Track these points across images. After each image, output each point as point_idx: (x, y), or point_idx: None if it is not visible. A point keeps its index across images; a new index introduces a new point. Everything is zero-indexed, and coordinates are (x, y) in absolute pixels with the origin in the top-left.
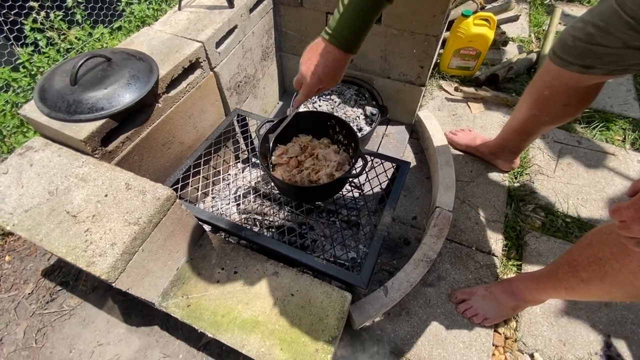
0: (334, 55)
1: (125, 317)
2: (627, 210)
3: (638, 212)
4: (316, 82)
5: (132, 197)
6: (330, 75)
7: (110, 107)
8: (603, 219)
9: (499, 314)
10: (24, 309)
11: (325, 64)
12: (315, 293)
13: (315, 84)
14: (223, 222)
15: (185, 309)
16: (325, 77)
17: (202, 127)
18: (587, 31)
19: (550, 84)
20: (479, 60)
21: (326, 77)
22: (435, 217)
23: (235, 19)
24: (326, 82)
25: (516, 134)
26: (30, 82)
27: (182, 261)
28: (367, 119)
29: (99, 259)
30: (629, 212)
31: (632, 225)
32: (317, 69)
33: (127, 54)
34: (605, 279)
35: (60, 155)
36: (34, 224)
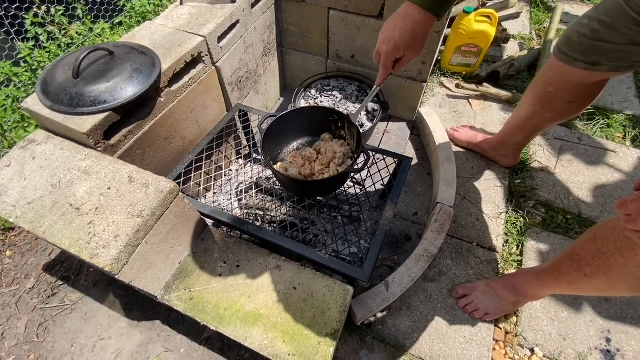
0: (415, 17)
1: (126, 312)
2: (633, 203)
3: None
4: (392, 49)
5: (135, 190)
6: (409, 41)
7: (112, 100)
8: (603, 215)
9: (499, 309)
10: (25, 303)
11: (404, 28)
12: (318, 286)
13: (391, 51)
14: (225, 217)
15: (188, 302)
16: (403, 43)
17: (204, 122)
18: (592, 27)
19: (555, 80)
20: (480, 57)
21: (403, 42)
22: (437, 212)
23: (237, 14)
24: (404, 49)
25: (518, 131)
26: (31, 77)
27: (185, 255)
28: (369, 115)
29: (103, 251)
30: (635, 206)
31: (637, 218)
32: (393, 34)
33: (130, 48)
34: (610, 274)
35: (63, 148)
36: (37, 216)
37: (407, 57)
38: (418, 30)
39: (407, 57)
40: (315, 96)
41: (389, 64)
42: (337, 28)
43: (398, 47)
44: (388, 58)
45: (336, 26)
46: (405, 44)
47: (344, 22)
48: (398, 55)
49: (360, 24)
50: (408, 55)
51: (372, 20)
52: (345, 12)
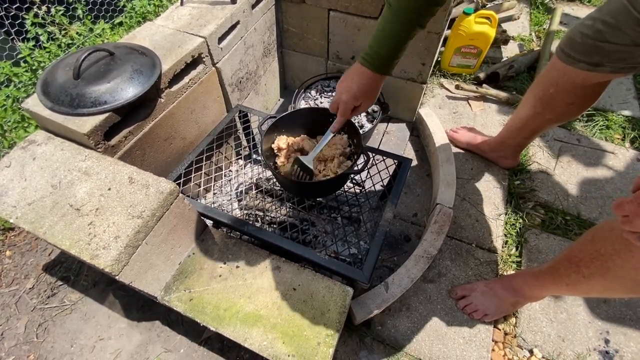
0: (368, 75)
1: (126, 312)
2: (630, 204)
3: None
4: (351, 99)
5: (136, 190)
6: (365, 93)
7: (113, 101)
8: (602, 216)
9: (498, 310)
10: (24, 303)
11: (360, 82)
12: (317, 287)
13: (350, 100)
14: (225, 217)
15: (188, 303)
16: (361, 94)
17: (204, 123)
18: (596, 28)
19: (557, 81)
20: (479, 58)
21: (361, 94)
22: (436, 213)
23: (238, 15)
24: (361, 99)
25: (518, 132)
26: (31, 77)
27: (185, 255)
28: (368, 116)
29: (103, 251)
30: (631, 207)
31: (634, 219)
32: (352, 85)
33: (130, 49)
34: (607, 275)
35: (63, 149)
36: (37, 217)
37: (364, 105)
38: (371, 84)
39: (364, 105)
40: (315, 97)
41: (348, 111)
42: (337, 29)
43: (356, 96)
44: (347, 106)
45: (336, 27)
46: (362, 94)
47: (344, 23)
48: (356, 104)
49: (360, 25)
50: (364, 104)
51: (372, 21)
52: (345, 13)
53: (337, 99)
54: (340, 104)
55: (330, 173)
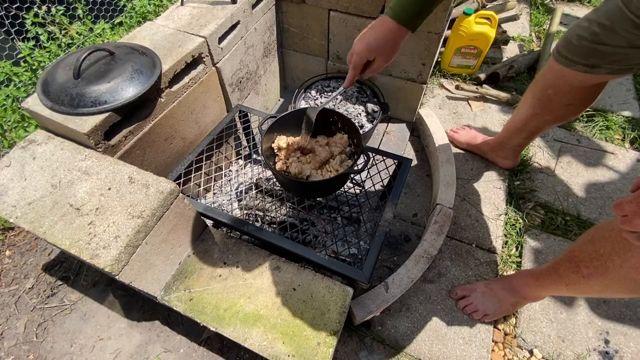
0: (388, 26)
1: (126, 312)
2: (629, 204)
3: (639, 206)
4: (365, 49)
5: (136, 190)
6: (381, 45)
7: (113, 100)
8: (602, 216)
9: (498, 310)
10: (24, 303)
11: (377, 33)
12: (317, 287)
13: (363, 51)
14: (225, 217)
15: (188, 303)
16: (375, 46)
17: (204, 123)
18: (592, 30)
19: (554, 83)
20: (480, 58)
21: (375, 45)
22: (436, 214)
23: (238, 15)
24: (375, 52)
25: (518, 132)
26: (31, 77)
27: (185, 255)
28: (369, 116)
29: (103, 251)
30: (630, 207)
31: (633, 219)
32: (368, 36)
33: (130, 48)
34: (607, 275)
35: (63, 148)
36: (37, 216)
37: (378, 62)
38: (390, 37)
39: (377, 62)
40: (316, 97)
41: (359, 65)
42: (337, 29)
43: (370, 48)
44: (360, 58)
45: (336, 27)
46: (377, 46)
47: (344, 23)
48: (369, 57)
49: (360, 25)
50: (378, 60)
51: (372, 21)
52: (345, 13)
53: (351, 50)
54: (353, 55)
55: (333, 170)
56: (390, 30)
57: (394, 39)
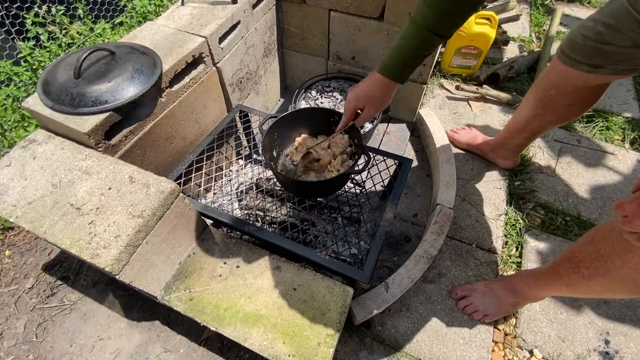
0: (377, 79)
1: (126, 312)
2: (630, 205)
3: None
4: (354, 99)
5: (136, 190)
6: (369, 96)
7: (114, 100)
8: (602, 217)
9: (498, 311)
10: (24, 303)
11: (367, 85)
12: (318, 287)
13: (352, 101)
14: (226, 217)
15: (188, 303)
16: (364, 96)
17: (204, 123)
18: (597, 30)
19: (557, 83)
20: (480, 59)
21: (364, 95)
22: (436, 214)
23: (239, 15)
24: (363, 101)
25: (519, 133)
26: (31, 76)
27: (185, 255)
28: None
29: (103, 251)
30: (631, 207)
31: (634, 220)
32: (358, 88)
33: (131, 48)
34: (607, 275)
35: (64, 148)
36: (37, 216)
37: (367, 110)
38: (377, 89)
39: (367, 111)
40: (316, 97)
41: (350, 112)
42: (337, 29)
43: (359, 98)
44: (350, 107)
45: (337, 27)
46: (366, 97)
47: (344, 23)
48: (359, 106)
49: (361, 26)
50: (367, 109)
51: (372, 21)
52: (346, 13)
53: (346, 101)
54: (346, 104)
55: (334, 170)
56: (379, 83)
57: (382, 92)
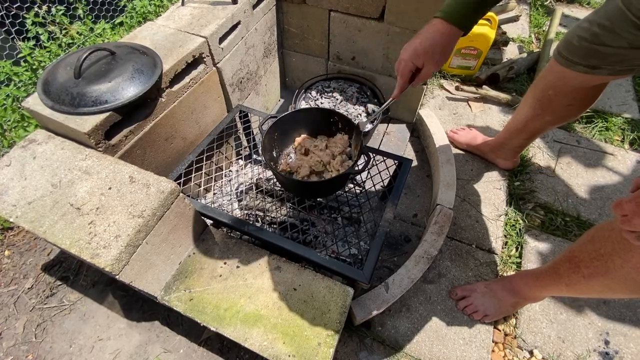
0: (438, 28)
1: (125, 312)
2: (629, 204)
3: (639, 206)
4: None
5: (136, 190)
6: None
7: (114, 100)
8: (602, 217)
9: (498, 311)
10: (23, 303)
11: (425, 36)
12: (318, 287)
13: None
14: (226, 217)
15: (188, 303)
16: (422, 51)
17: (204, 123)
18: (592, 31)
19: (555, 84)
20: (479, 59)
21: (423, 50)
22: (436, 214)
23: (239, 15)
24: (423, 57)
25: (518, 133)
26: (31, 76)
27: (185, 255)
28: (369, 117)
29: (103, 251)
30: (630, 206)
31: (633, 218)
32: (415, 41)
33: (131, 48)
34: (607, 275)
35: (64, 148)
36: (37, 216)
37: (426, 68)
38: (439, 39)
39: (426, 69)
40: (316, 97)
41: (407, 72)
42: (337, 30)
43: (417, 53)
44: (407, 65)
45: (337, 28)
46: (425, 52)
47: (344, 24)
48: (417, 63)
49: (361, 26)
50: (427, 66)
51: (372, 22)
52: (346, 14)
53: (399, 58)
54: (400, 63)
55: (333, 170)
56: (440, 33)
57: (445, 42)
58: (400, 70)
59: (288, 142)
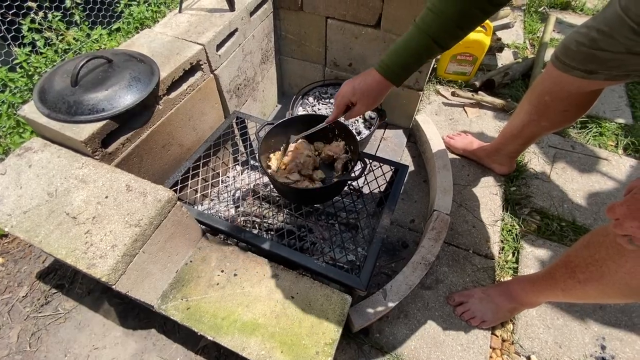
0: (374, 77)
1: (121, 320)
2: (620, 207)
3: (630, 209)
4: (349, 91)
5: (133, 198)
6: (364, 92)
7: (111, 108)
8: (597, 222)
9: (496, 317)
10: (17, 312)
11: (363, 80)
12: (315, 296)
13: (347, 93)
14: (223, 225)
15: (185, 312)
16: (359, 92)
17: (201, 129)
18: (591, 36)
19: (551, 89)
20: (475, 65)
21: (360, 91)
22: (433, 220)
23: (236, 22)
24: (358, 96)
25: (514, 139)
26: (27, 83)
27: (182, 263)
28: (366, 123)
29: (100, 260)
30: (621, 210)
31: (624, 222)
32: (354, 81)
33: (128, 56)
34: (602, 280)
35: (60, 156)
36: (32, 225)
37: (358, 106)
38: (374, 87)
39: (358, 107)
40: (313, 104)
41: (342, 105)
42: (334, 36)
43: (354, 92)
44: (342, 99)
45: (334, 35)
46: (361, 93)
47: (341, 30)
48: (352, 99)
49: (357, 33)
50: (359, 105)
51: (369, 29)
52: (343, 21)
53: (338, 92)
54: (339, 95)
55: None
56: (376, 82)
57: (378, 90)
58: (337, 102)
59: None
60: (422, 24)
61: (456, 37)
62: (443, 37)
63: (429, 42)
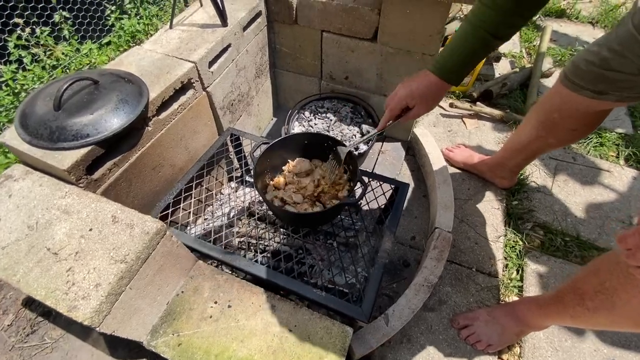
0: (430, 79)
1: (111, 350)
2: (632, 237)
3: None
4: (407, 95)
5: (119, 231)
6: (423, 94)
7: (96, 133)
8: (602, 237)
9: (502, 340)
10: (2, 342)
11: (421, 83)
12: (315, 328)
13: (405, 96)
14: (216, 251)
15: (176, 349)
16: (418, 94)
17: (194, 148)
18: (602, 55)
19: (560, 107)
20: (473, 76)
21: (419, 93)
22: (435, 238)
23: (229, 38)
24: (417, 99)
25: (517, 153)
26: (13, 101)
27: (173, 294)
28: (362, 138)
29: (82, 302)
30: (634, 240)
31: (637, 252)
32: (411, 84)
33: (116, 76)
34: (613, 310)
35: (42, 184)
36: (11, 262)
37: (417, 109)
38: (433, 88)
39: (417, 109)
40: (309, 118)
41: (398, 108)
42: (330, 50)
43: (413, 94)
44: (400, 102)
45: (329, 48)
46: (420, 95)
47: (337, 44)
48: (411, 104)
49: (353, 47)
50: (418, 107)
51: (366, 42)
52: (338, 34)
53: (392, 94)
54: (394, 99)
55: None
56: (433, 84)
57: (437, 91)
58: (392, 104)
59: (280, 169)
60: (476, 20)
61: (515, 26)
62: (502, 29)
63: (486, 36)
